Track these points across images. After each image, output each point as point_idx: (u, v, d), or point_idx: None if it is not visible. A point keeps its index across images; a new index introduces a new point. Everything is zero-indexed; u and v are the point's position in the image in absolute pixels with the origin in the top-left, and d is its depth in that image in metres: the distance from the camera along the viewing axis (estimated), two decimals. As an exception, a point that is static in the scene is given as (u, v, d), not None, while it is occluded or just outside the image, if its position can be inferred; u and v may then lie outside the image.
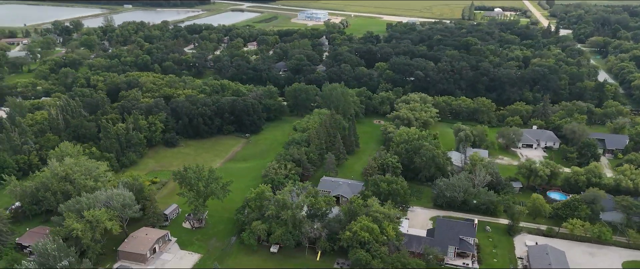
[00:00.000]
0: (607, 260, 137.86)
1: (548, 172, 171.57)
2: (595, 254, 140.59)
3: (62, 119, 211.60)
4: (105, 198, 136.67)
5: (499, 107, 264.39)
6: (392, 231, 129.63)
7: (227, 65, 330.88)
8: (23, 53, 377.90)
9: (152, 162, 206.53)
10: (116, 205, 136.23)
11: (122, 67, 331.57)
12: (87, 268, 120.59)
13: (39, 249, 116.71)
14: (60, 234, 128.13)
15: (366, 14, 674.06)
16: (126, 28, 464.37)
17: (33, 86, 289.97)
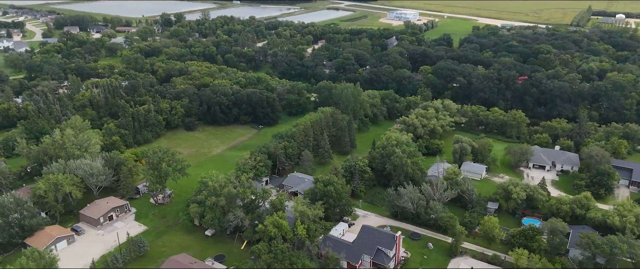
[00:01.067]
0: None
1: (523, 196, 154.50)
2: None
3: (104, 98, 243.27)
4: (75, 166, 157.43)
5: (534, 122, 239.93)
6: (302, 230, 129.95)
7: (281, 60, 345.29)
8: (122, 40, 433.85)
9: (166, 142, 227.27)
10: (82, 173, 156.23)
11: (190, 56, 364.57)
12: (38, 222, 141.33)
13: (6, 204, 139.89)
14: (36, 193, 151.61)
15: (462, 15, 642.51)
16: (215, 22, 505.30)
17: (111, 68, 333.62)
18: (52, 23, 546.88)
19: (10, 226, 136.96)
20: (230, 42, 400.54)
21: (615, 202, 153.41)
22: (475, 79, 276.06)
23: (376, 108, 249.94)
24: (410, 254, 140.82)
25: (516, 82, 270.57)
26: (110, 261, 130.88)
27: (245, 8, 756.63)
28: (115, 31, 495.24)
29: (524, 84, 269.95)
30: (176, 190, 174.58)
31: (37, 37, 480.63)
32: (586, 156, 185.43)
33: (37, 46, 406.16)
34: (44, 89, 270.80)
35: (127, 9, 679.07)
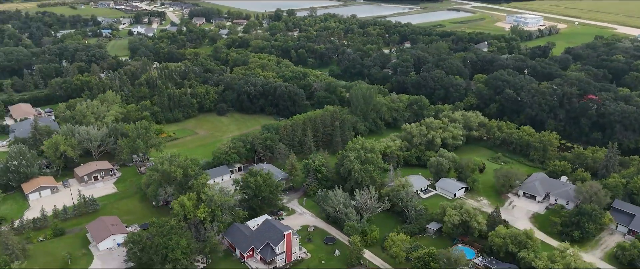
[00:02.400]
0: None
1: (456, 220, 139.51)
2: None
3: (158, 79, 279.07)
4: (76, 131, 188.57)
5: (566, 146, 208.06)
6: (202, 212, 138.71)
7: (346, 58, 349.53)
8: (225, 31, 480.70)
9: (193, 122, 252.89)
10: (79, 138, 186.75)
11: (269, 49, 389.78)
12: (33, 171, 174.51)
13: (11, 152, 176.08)
14: (40, 149, 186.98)
15: (599, 22, 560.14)
16: (314, 18, 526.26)
17: (196, 55, 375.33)
18: (187, 13, 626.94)
19: (9, 171, 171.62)
20: (311, 38, 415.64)
21: (561, 247, 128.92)
22: (525, 93, 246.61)
23: (397, 112, 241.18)
24: (309, 256, 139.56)
25: (573, 101, 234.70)
26: (60, 212, 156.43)
27: (366, 6, 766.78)
28: (232, 23, 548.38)
29: (582, 104, 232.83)
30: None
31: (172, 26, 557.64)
32: (577, 191, 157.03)
33: (159, 33, 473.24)
34: (131, 68, 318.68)
35: (260, 5, 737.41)
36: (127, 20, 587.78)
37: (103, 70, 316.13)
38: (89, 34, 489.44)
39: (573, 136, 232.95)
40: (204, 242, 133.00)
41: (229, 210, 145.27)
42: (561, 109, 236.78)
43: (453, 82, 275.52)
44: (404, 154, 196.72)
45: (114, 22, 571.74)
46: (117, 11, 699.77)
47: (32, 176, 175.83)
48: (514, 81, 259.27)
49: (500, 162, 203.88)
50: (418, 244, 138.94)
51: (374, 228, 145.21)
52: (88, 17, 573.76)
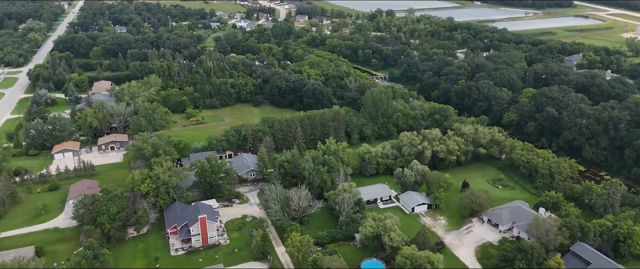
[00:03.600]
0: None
1: (369, 232, 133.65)
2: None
3: (213, 67, 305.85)
4: (103, 107, 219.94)
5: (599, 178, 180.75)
6: (145, 187, 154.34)
7: (406, 61, 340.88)
8: (313, 28, 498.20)
9: (228, 110, 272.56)
10: (105, 112, 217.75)
11: (340, 48, 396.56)
12: (63, 136, 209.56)
13: (49, 119, 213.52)
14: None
15: None
16: (406, 19, 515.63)
17: (270, 49, 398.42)
18: (294, 11, 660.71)
19: (44, 133, 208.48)
20: (385, 39, 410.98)
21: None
22: (567, 113, 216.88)
23: (414, 120, 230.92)
24: (227, 243, 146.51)
25: (621, 128, 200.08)
26: (62, 172, 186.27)
27: (483, 9, 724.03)
28: (330, 22, 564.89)
29: (631, 132, 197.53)
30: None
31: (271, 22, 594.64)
32: (533, 228, 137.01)
33: (256, 28, 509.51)
34: (202, 58, 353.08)
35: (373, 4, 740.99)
36: (239, 15, 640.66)
37: (174, 57, 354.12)
38: (199, 26, 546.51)
39: (614, 169, 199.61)
40: (134, 213, 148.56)
41: (173, 189, 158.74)
42: (604, 136, 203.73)
43: (496, 95, 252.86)
44: (386, 162, 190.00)
45: (229, 16, 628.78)
46: (240, 7, 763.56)
47: (62, 140, 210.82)
48: (561, 98, 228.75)
49: (499, 185, 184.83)
50: (318, 249, 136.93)
51: (297, 226, 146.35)
52: (210, 11, 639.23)
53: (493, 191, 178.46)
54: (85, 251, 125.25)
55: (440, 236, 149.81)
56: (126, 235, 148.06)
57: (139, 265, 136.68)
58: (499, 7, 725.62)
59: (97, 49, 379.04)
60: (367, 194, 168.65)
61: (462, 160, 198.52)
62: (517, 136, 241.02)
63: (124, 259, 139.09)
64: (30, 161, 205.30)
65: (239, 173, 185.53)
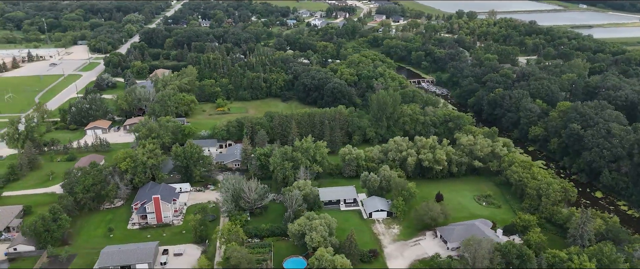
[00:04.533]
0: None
1: (295, 230, 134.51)
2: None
3: (255, 62, 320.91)
4: (133, 92, 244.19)
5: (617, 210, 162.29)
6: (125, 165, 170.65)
7: (454, 66, 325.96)
8: (380, 28, 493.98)
9: (256, 103, 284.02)
10: (134, 96, 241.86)
11: (395, 49, 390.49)
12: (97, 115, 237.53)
13: (88, 99, 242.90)
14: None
15: None
16: (479, 21, 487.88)
17: (324, 47, 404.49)
18: (374, 10, 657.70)
19: (82, 111, 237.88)
20: (443, 41, 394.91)
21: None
22: (590, 132, 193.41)
23: (423, 126, 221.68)
24: (181, 223, 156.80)
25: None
26: (82, 145, 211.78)
27: (588, 13, 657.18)
28: (407, 22, 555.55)
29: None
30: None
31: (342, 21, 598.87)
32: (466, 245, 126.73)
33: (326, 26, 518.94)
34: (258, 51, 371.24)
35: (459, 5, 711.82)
36: (320, 13, 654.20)
37: (228, 51, 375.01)
38: (276, 23, 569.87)
39: (634, 199, 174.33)
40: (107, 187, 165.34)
41: (150, 169, 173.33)
42: (627, 161, 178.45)
43: (526, 106, 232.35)
44: (368, 165, 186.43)
45: (310, 14, 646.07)
46: (326, 5, 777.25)
47: (96, 118, 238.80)
48: (592, 115, 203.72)
49: (483, 202, 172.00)
50: (254, 241, 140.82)
51: (244, 216, 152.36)
52: (293, 9, 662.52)
53: (474, 208, 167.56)
54: (44, 214, 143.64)
55: (383, 245, 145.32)
56: (101, 206, 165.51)
57: (99, 233, 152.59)
58: (608, 12, 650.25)
59: (170, 41, 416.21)
60: (331, 195, 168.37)
61: (454, 171, 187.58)
62: (542, 153, 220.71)
63: (88, 226, 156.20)
64: (69, 134, 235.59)
65: (225, 162, 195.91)
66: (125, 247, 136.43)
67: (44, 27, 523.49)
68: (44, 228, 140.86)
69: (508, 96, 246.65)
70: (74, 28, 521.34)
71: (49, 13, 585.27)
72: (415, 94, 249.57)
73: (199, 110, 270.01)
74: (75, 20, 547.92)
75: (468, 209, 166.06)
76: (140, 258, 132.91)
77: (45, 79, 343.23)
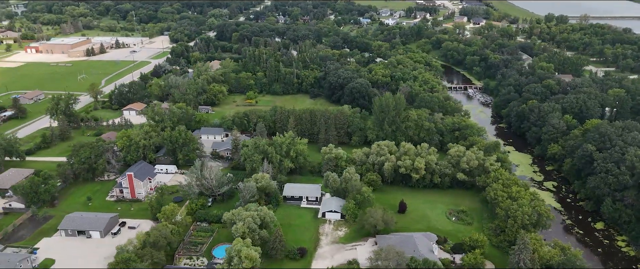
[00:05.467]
0: None
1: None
2: None
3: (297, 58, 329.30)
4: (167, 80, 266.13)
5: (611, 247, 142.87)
6: (121, 144, 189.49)
7: (503, 73, 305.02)
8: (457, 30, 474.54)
9: (286, 98, 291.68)
10: (169, 84, 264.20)
11: (453, 52, 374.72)
12: (134, 98, 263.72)
13: (128, 84, 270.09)
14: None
15: None
16: (566, 27, 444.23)
17: (379, 47, 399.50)
18: (458, 11, 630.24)
19: (122, 93, 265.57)
20: (504, 46, 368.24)
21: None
22: (603, 155, 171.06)
23: (428, 132, 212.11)
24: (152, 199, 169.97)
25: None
26: (110, 124, 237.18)
27: None
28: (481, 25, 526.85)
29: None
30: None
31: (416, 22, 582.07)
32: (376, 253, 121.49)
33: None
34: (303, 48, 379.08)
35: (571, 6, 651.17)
36: (400, 12, 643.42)
37: (286, 47, 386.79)
38: (350, 22, 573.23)
39: (633, 235, 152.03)
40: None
41: (142, 149, 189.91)
42: (631, 191, 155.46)
43: (550, 122, 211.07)
44: (346, 165, 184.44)
45: (390, 14, 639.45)
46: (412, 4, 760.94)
47: (133, 101, 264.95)
48: (613, 135, 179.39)
49: (453, 217, 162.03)
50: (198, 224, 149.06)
51: (202, 200, 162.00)
52: (373, 8, 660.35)
53: (438, 221, 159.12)
54: (35, 177, 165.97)
55: (320, 245, 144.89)
56: (96, 178, 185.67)
57: (81, 201, 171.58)
58: None
59: (235, 35, 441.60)
60: (295, 191, 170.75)
61: (438, 182, 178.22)
62: (559, 174, 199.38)
63: (77, 194, 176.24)
64: (110, 113, 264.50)
65: (217, 150, 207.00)
66: (86, 214, 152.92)
67: (133, 18, 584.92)
68: (32, 190, 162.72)
69: (537, 108, 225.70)
70: (166, 20, 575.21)
71: (150, 6, 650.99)
72: (432, 100, 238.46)
73: (230, 100, 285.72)
74: (169, 13, 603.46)
75: (429, 222, 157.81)
76: (94, 226, 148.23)
77: (121, 64, 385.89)
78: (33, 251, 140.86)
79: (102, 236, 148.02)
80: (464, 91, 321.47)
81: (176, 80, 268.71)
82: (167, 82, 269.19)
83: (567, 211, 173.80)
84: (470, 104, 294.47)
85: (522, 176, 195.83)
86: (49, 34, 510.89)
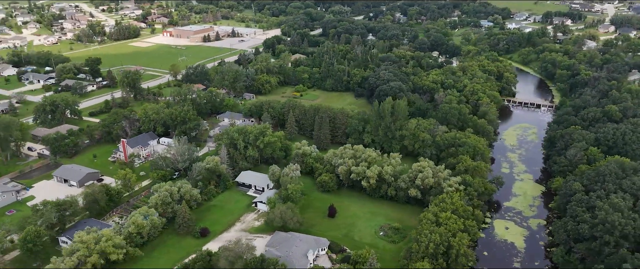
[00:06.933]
0: None
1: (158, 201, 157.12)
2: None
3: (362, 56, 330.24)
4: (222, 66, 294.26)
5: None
6: (142, 114, 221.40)
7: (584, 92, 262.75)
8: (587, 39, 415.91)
9: (331, 95, 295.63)
10: (221, 70, 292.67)
11: (547, 63, 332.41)
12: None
13: (195, 67, 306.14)
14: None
15: None
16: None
17: (467, 53, 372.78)
18: (606, 19, 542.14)
19: (188, 76, 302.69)
20: (609, 61, 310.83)
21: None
22: (577, 198, 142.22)
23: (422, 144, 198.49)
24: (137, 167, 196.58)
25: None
26: (164, 99, 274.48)
27: None
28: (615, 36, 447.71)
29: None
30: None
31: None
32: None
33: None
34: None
35: None
36: (534, 17, 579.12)
37: (358, 43, 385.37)
38: (470, 24, 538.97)
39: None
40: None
41: (153, 122, 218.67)
42: (584, 243, 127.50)
43: (569, 153, 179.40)
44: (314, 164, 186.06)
45: (526, 18, 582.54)
46: (562, 6, 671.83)
47: (195, 82, 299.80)
48: (609, 175, 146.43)
49: (381, 232, 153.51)
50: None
51: (163, 172, 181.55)
52: (508, 10, 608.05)
53: (360, 234, 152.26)
54: (59, 133, 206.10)
55: (228, 230, 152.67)
56: (115, 140, 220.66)
57: (91, 158, 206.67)
58: None
59: (332, 31, 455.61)
60: (247, 179, 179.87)
61: (392, 194, 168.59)
62: (557, 213, 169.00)
63: (94, 151, 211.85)
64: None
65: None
66: (74, 167, 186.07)
67: (267, 11, 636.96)
68: (56, 142, 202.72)
69: (568, 135, 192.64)
70: (292, 14, 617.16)
71: (285, 1, 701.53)
72: (450, 111, 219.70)
73: (280, 91, 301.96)
74: (296, 8, 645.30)
75: (349, 231, 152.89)
76: (74, 177, 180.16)
77: (225, 50, 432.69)
78: (26, 188, 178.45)
79: (78, 186, 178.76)
80: (535, 109, 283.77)
81: (229, 68, 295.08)
82: (220, 68, 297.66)
83: (529, 257, 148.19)
84: (533, 124, 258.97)
85: (511, 210, 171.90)
86: (191, 22, 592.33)
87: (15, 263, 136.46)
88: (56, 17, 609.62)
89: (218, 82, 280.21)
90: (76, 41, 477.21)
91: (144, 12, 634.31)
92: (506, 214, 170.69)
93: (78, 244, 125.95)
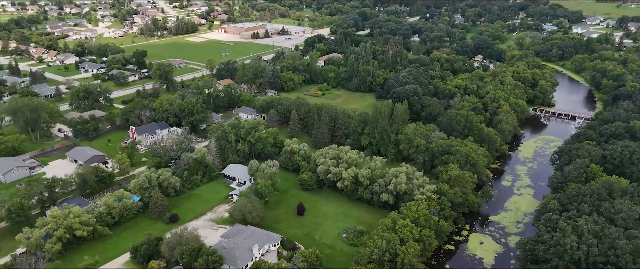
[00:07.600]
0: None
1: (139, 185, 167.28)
2: None
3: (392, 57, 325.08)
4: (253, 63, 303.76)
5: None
6: (159, 103, 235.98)
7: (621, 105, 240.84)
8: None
9: (354, 95, 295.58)
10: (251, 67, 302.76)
11: (588, 72, 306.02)
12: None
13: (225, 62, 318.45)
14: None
15: None
16: None
17: (512, 57, 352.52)
18: None
19: (220, 72, 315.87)
20: None
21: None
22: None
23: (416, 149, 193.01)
24: (142, 151, 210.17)
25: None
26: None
27: None
28: None
29: None
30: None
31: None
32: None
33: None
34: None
35: None
36: (606, 22, 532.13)
37: (396, 44, 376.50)
38: (532, 28, 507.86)
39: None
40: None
41: (166, 112, 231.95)
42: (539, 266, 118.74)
43: (567, 168, 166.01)
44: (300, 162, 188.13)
45: (598, 23, 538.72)
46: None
47: (225, 78, 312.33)
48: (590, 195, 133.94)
49: (344, 234, 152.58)
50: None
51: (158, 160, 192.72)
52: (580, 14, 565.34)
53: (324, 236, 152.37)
54: (82, 118, 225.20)
55: (197, 218, 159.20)
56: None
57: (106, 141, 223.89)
58: None
59: (377, 31, 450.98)
60: (232, 172, 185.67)
61: (367, 198, 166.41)
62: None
63: (113, 136, 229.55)
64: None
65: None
66: (84, 149, 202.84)
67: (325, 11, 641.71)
68: (79, 125, 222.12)
69: (574, 150, 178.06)
70: (348, 13, 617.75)
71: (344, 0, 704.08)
72: (455, 117, 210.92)
73: (304, 89, 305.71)
74: (353, 7, 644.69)
75: (311, 230, 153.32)
76: (81, 158, 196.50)
77: (269, 47, 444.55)
78: (41, 165, 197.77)
79: (85, 165, 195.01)
80: (569, 120, 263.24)
81: (255, 64, 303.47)
82: (244, 64, 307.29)
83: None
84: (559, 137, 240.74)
85: (495, 225, 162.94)
86: (248, 19, 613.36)
87: (5, 232, 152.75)
88: (131, 12, 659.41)
89: (239, 78, 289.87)
90: (139, 35, 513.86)
91: (208, 9, 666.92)
92: (487, 228, 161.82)
93: (49, 218, 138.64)
